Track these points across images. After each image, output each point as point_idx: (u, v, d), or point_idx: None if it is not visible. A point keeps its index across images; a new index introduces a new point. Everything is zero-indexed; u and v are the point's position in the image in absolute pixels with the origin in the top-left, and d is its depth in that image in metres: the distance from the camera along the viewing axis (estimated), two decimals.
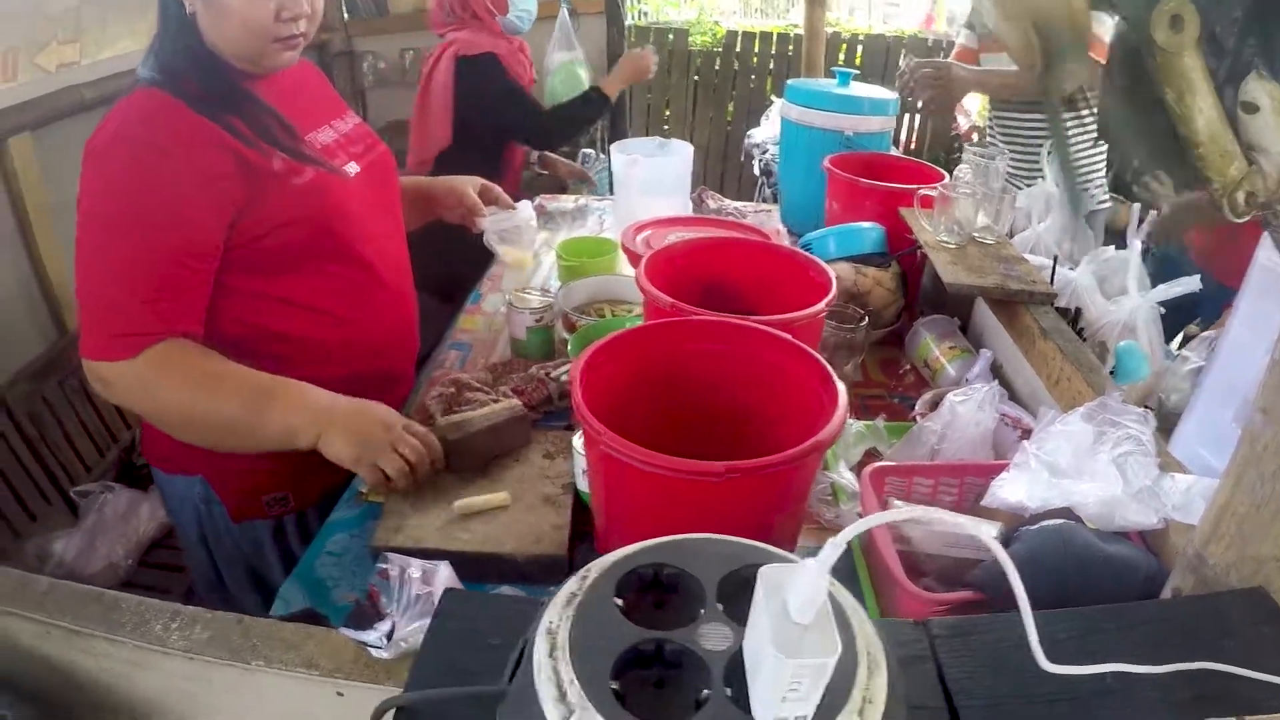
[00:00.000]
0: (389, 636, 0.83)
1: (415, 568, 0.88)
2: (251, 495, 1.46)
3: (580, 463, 1.22)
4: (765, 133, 3.62)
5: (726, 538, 0.56)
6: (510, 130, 2.77)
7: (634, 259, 1.69)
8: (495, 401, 1.43)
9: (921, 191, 1.78)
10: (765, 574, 0.47)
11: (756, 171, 3.52)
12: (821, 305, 1.21)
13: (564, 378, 1.49)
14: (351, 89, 4.50)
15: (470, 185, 1.80)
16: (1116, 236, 4.20)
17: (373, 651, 0.84)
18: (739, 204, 2.57)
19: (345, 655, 0.85)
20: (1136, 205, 1.93)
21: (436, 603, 0.72)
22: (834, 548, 0.45)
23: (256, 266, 1.32)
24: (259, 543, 1.51)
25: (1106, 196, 2.70)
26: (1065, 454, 1.13)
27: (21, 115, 2.28)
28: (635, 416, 1.05)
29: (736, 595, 0.52)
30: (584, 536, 1.24)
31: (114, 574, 2.12)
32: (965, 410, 1.25)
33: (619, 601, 0.52)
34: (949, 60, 2.64)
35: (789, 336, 1.05)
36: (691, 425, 1.14)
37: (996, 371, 1.64)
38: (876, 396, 1.67)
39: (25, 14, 2.24)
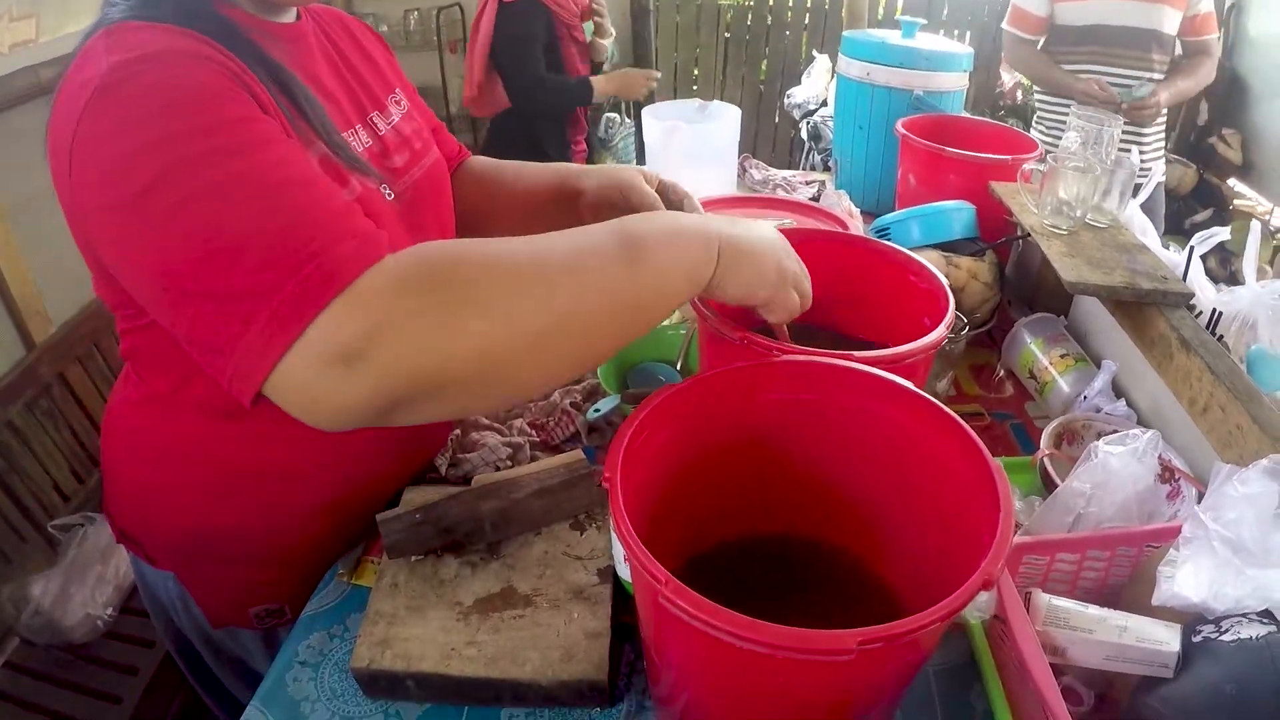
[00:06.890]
0: None
1: None
2: (236, 606, 1.13)
3: (621, 548, 0.90)
4: (807, 91, 3.29)
5: None
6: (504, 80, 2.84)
7: None
8: (510, 440, 1.14)
9: (1026, 165, 1.46)
10: None
11: (804, 136, 3.18)
12: (941, 330, 0.89)
13: (596, 410, 1.18)
14: None
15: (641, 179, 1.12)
16: (1177, 200, 3.97)
17: None
18: (787, 173, 2.23)
19: None
20: None
21: None
22: None
23: None
24: (248, 650, 1.17)
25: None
26: (1249, 525, 0.84)
27: None
28: (686, 495, 0.77)
29: None
30: (627, 633, 0.93)
31: (93, 626, 1.83)
32: (1120, 464, 0.95)
33: None
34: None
35: (911, 385, 0.75)
36: (766, 499, 0.85)
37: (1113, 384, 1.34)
38: (974, 415, 1.36)
39: None
